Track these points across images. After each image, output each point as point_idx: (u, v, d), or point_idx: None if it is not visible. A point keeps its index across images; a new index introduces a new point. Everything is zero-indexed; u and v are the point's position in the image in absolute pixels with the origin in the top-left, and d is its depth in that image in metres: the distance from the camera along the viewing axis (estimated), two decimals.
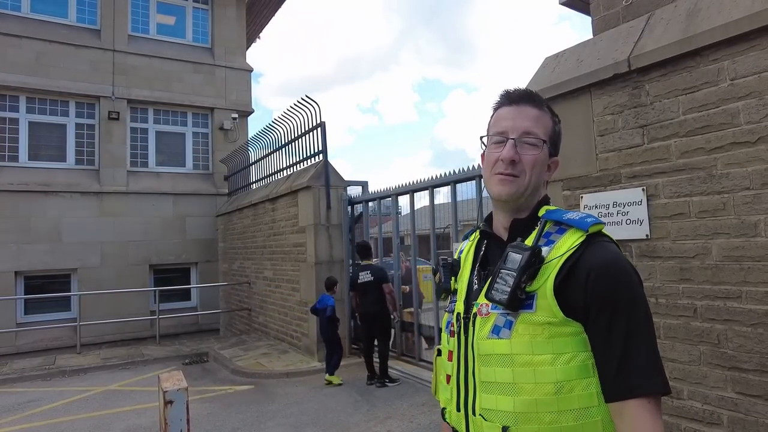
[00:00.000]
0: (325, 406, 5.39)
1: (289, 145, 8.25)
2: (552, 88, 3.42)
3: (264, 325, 8.96)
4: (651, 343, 1.00)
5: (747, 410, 2.45)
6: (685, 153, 2.75)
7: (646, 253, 2.93)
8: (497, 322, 1.05)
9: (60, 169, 10.01)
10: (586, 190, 3.25)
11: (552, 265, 1.03)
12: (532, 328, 1.01)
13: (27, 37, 9.71)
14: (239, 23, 12.15)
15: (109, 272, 10.05)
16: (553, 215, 1.10)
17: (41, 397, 6.30)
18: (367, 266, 6.23)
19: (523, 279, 1.02)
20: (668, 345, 2.79)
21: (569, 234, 1.05)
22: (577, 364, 0.99)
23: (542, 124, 1.14)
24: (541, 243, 1.07)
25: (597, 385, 0.99)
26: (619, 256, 1.04)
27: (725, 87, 2.58)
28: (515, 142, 1.11)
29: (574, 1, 4.63)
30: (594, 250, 1.02)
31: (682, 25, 2.77)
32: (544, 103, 1.18)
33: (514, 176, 1.11)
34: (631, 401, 0.96)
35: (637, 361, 0.97)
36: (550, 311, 1.00)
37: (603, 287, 0.99)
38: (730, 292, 2.55)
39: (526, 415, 1.00)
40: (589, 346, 1.00)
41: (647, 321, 1.01)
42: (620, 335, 0.97)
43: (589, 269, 1.00)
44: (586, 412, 0.98)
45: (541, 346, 1.00)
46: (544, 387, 0.99)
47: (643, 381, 0.96)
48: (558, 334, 1.00)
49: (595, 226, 1.05)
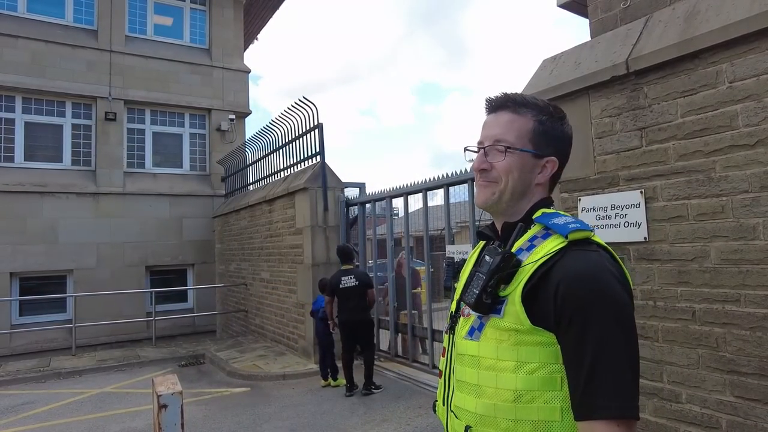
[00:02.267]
0: (321, 408, 5.36)
1: (287, 147, 8.23)
2: (550, 90, 3.41)
3: (261, 327, 8.93)
4: (624, 362, 0.91)
5: (746, 414, 2.44)
6: (684, 156, 2.74)
7: (644, 256, 2.92)
8: (473, 324, 1.06)
9: (56, 169, 9.96)
10: (584, 192, 3.25)
11: (525, 271, 0.99)
12: (498, 333, 1.00)
13: (23, 37, 9.67)
14: (236, 24, 12.13)
15: (105, 273, 10.00)
16: (543, 219, 1.07)
17: (36, 399, 6.25)
18: (350, 270, 5.90)
19: (491, 283, 1.00)
20: (667, 348, 2.78)
21: (551, 239, 1.02)
22: (542, 376, 0.95)
23: (515, 127, 1.12)
24: (525, 247, 1.05)
25: (564, 399, 0.93)
26: (598, 266, 0.96)
27: (724, 90, 2.57)
28: (485, 150, 1.13)
29: (571, 4, 4.61)
30: (571, 257, 0.97)
31: (681, 28, 2.77)
32: (524, 105, 1.14)
33: (488, 183, 1.13)
34: (595, 423, 0.89)
35: (605, 381, 0.89)
36: (517, 318, 0.97)
37: (573, 299, 0.93)
38: (728, 295, 2.54)
39: (486, 418, 0.99)
40: (559, 358, 0.95)
41: (622, 338, 0.92)
42: (588, 351, 0.90)
43: (561, 278, 0.95)
44: (545, 425, 0.94)
45: (506, 352, 0.98)
46: (504, 393, 0.97)
47: (608, 402, 0.88)
48: (524, 342, 0.96)
49: (578, 232, 0.99)
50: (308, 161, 7.66)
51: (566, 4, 4.64)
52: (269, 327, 8.55)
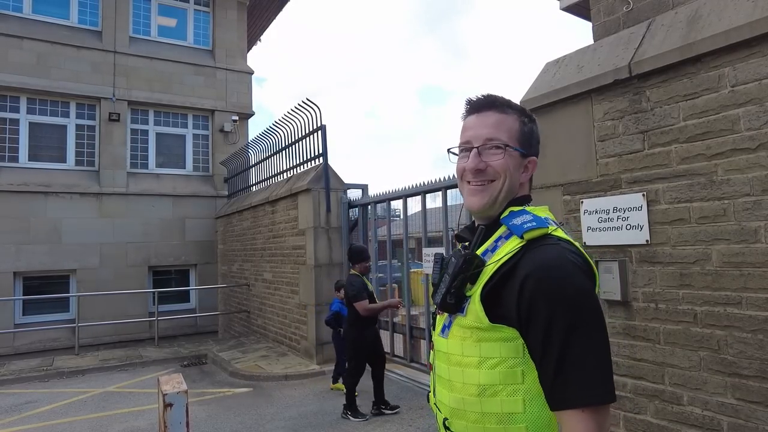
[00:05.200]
0: (323, 409, 5.38)
1: (290, 148, 8.26)
2: (552, 93, 3.43)
3: (263, 328, 8.95)
4: (592, 349, 0.93)
5: (747, 417, 2.45)
6: (686, 159, 2.75)
7: (646, 258, 2.93)
8: (445, 322, 1.11)
9: (60, 170, 10.00)
10: (586, 195, 3.26)
11: (487, 271, 1.03)
12: (462, 331, 1.04)
13: (28, 38, 9.72)
14: (240, 26, 12.17)
15: (108, 273, 10.04)
16: (506, 219, 1.09)
17: (39, 398, 6.28)
18: (348, 277, 5.26)
19: (455, 284, 1.04)
20: (668, 351, 2.79)
21: (512, 239, 1.05)
22: (504, 370, 0.98)
23: (505, 127, 1.14)
24: (490, 248, 1.08)
25: (527, 392, 0.96)
26: (558, 258, 0.98)
27: (726, 93, 2.58)
28: (478, 150, 1.13)
29: (574, 8, 4.64)
30: (532, 254, 0.99)
31: (683, 32, 2.78)
32: (508, 106, 1.17)
33: (484, 184, 1.12)
34: (568, 412, 0.92)
35: (574, 369, 0.91)
36: (476, 316, 1.01)
37: (536, 292, 0.95)
38: (730, 298, 2.55)
39: (458, 411, 1.04)
40: (522, 352, 0.97)
41: (589, 326, 0.94)
42: (556, 342, 0.92)
43: (525, 275, 0.97)
44: (509, 417, 0.97)
45: (470, 348, 1.02)
46: (469, 388, 1.02)
47: (579, 391, 0.91)
48: (485, 338, 1.00)
49: (533, 231, 1.02)
50: (311, 162, 7.68)
51: (569, 8, 4.67)
52: (271, 327, 8.57)
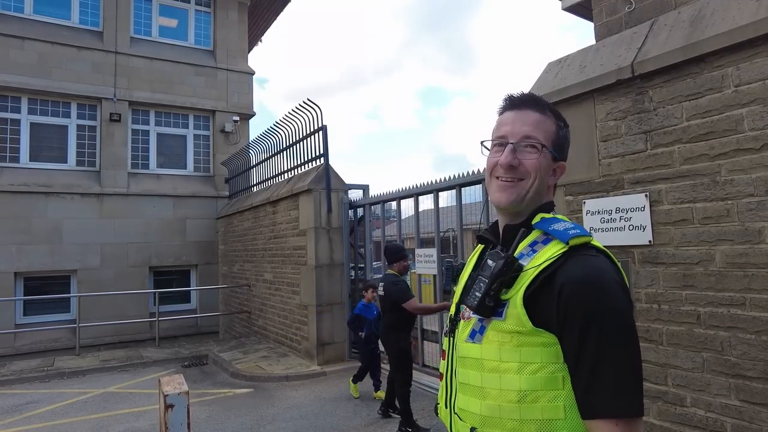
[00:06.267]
0: (324, 410, 5.37)
1: (291, 148, 8.25)
2: (555, 93, 3.42)
3: (263, 328, 8.94)
4: (625, 362, 0.93)
5: (751, 418, 2.44)
6: (689, 159, 2.74)
7: (648, 259, 2.92)
8: (474, 327, 1.07)
9: (61, 170, 10.00)
10: (589, 195, 3.25)
11: (527, 275, 1.02)
12: (500, 336, 1.01)
13: (29, 39, 9.73)
14: (241, 26, 12.17)
15: (109, 274, 10.03)
16: (542, 225, 1.09)
17: (40, 398, 6.27)
18: (385, 276, 4.87)
19: (494, 287, 1.02)
20: (671, 352, 2.78)
21: (552, 245, 1.04)
22: (545, 375, 0.97)
23: (544, 128, 1.13)
24: (526, 252, 1.06)
25: (567, 398, 0.95)
26: (600, 270, 0.99)
27: (729, 93, 2.57)
28: (514, 146, 1.11)
29: (576, 8, 4.64)
30: (573, 262, 0.99)
31: (686, 32, 2.77)
32: (548, 107, 1.17)
33: (513, 181, 1.11)
34: (597, 422, 0.92)
35: (605, 380, 0.92)
36: (518, 320, 0.99)
37: (575, 301, 0.95)
38: (734, 299, 2.54)
39: (491, 419, 1.01)
40: (562, 358, 0.97)
41: (623, 338, 0.95)
42: (590, 351, 0.93)
43: (564, 282, 0.97)
44: (550, 424, 0.96)
45: (509, 353, 1.00)
46: (508, 394, 0.99)
47: (609, 402, 0.91)
48: (526, 343, 0.98)
49: (578, 238, 1.02)
50: (312, 163, 7.67)
51: (571, 8, 4.66)
52: (272, 328, 8.56)
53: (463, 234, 5.96)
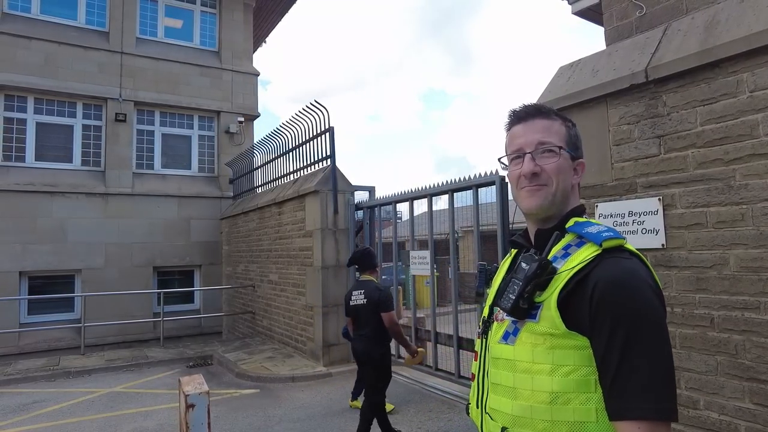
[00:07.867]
0: (331, 410, 5.38)
1: (297, 150, 8.27)
2: (567, 97, 3.44)
3: (268, 329, 8.95)
4: (656, 364, 0.93)
5: (765, 421, 2.45)
6: (703, 164, 2.76)
7: (662, 262, 2.94)
8: (508, 329, 1.09)
9: (66, 170, 10.02)
10: (602, 198, 3.27)
11: (561, 278, 1.03)
12: (534, 338, 1.03)
13: (36, 39, 9.75)
14: (246, 27, 12.21)
15: (113, 273, 10.05)
16: (576, 228, 1.11)
17: (47, 398, 6.29)
18: (363, 283, 4.39)
19: (528, 289, 1.04)
20: (684, 355, 2.80)
21: (585, 248, 1.06)
22: (577, 378, 0.98)
23: (554, 131, 1.17)
24: (560, 255, 1.08)
25: (599, 401, 0.96)
26: (633, 272, 1.00)
27: (744, 99, 2.60)
28: (532, 155, 1.14)
29: (586, 12, 4.66)
30: (606, 264, 1.00)
31: (701, 37, 2.80)
32: (552, 112, 1.21)
33: (539, 186, 1.13)
34: (624, 423, 0.92)
35: (634, 382, 0.92)
36: (552, 323, 1.01)
37: (606, 302, 0.96)
38: (748, 302, 2.56)
39: (522, 420, 1.03)
40: (594, 361, 0.97)
41: (653, 340, 0.94)
42: (619, 352, 0.93)
43: (596, 283, 0.98)
44: (581, 426, 0.97)
45: (542, 355, 1.01)
46: (540, 395, 1.00)
47: (637, 404, 0.91)
48: (559, 345, 1.00)
49: (612, 240, 1.03)
50: (318, 164, 7.70)
51: (581, 12, 4.68)
52: (277, 329, 8.57)
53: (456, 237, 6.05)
